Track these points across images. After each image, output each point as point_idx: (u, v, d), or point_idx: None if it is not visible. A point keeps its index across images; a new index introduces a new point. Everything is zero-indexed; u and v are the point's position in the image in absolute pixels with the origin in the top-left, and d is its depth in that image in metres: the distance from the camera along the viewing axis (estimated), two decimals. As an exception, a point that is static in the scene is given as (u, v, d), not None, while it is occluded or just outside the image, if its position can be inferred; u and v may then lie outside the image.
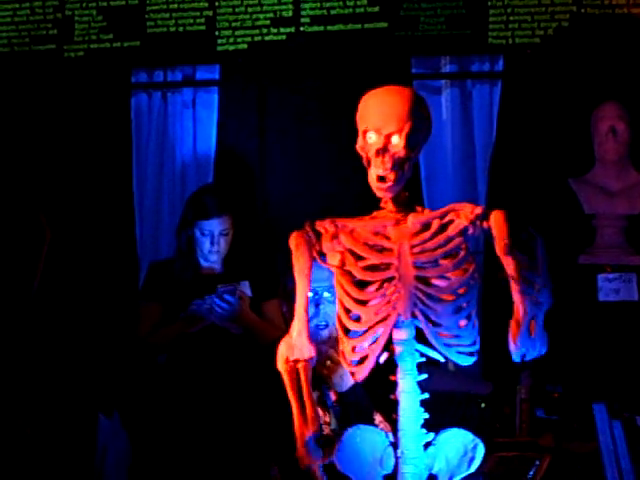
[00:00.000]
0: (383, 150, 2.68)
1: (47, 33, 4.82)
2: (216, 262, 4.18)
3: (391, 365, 2.68)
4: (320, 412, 3.19)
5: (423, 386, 2.67)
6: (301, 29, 4.60)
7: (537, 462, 3.36)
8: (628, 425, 3.20)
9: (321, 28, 4.59)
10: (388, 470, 2.64)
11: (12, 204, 4.84)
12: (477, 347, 2.68)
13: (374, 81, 2.82)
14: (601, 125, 4.23)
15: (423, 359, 2.66)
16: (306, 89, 4.72)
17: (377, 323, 2.64)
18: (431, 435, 2.65)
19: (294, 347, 2.77)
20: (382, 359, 2.68)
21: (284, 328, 4.10)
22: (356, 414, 2.92)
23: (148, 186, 4.83)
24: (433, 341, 2.64)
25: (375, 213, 2.81)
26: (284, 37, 4.62)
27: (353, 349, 2.66)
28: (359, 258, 2.71)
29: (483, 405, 3.95)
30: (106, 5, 4.76)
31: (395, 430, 2.64)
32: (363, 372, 2.65)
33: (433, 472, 2.63)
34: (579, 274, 4.16)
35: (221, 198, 4.27)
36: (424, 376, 2.65)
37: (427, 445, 2.64)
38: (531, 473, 3.34)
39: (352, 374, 2.68)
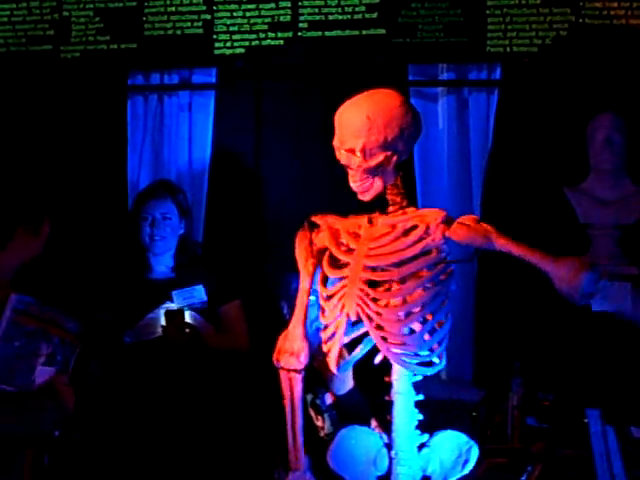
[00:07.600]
0: (347, 166, 2.72)
1: (44, 33, 4.82)
2: (163, 254, 4.11)
3: (386, 366, 2.68)
4: (313, 415, 3.19)
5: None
6: (299, 34, 4.60)
7: (529, 468, 3.35)
8: (621, 431, 3.20)
9: (319, 33, 4.59)
10: (382, 471, 2.64)
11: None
12: (430, 358, 2.63)
13: (370, 87, 2.82)
14: (597, 135, 4.23)
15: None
16: (302, 94, 4.72)
17: (334, 319, 2.69)
18: (425, 436, 2.65)
19: (287, 347, 2.80)
20: (377, 360, 2.68)
21: (245, 331, 4.10)
22: (353, 418, 2.91)
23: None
24: (379, 346, 2.63)
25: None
26: (282, 42, 4.62)
27: (325, 342, 2.72)
28: (331, 255, 2.74)
29: (474, 414, 3.94)
30: (104, 6, 4.76)
31: (389, 432, 2.65)
32: (330, 364, 2.70)
33: (427, 474, 2.64)
34: (573, 283, 4.14)
35: (164, 185, 4.29)
36: (419, 377, 2.65)
37: (421, 446, 2.64)
38: (522, 479, 3.33)
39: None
